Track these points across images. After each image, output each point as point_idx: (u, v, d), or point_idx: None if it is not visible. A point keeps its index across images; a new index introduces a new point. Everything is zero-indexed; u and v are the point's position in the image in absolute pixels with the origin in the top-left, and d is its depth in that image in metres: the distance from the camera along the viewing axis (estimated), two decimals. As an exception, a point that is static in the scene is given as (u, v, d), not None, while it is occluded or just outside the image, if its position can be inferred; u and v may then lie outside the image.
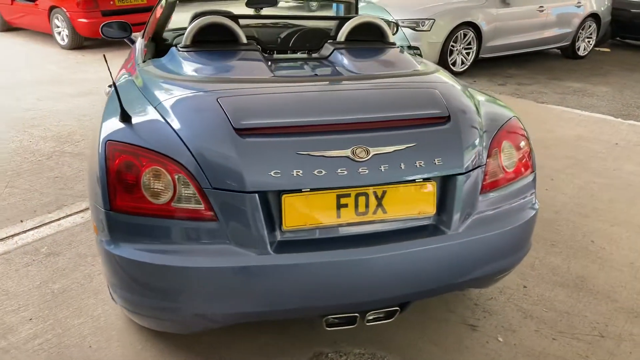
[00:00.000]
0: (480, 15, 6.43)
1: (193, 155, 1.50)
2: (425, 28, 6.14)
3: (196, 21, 2.18)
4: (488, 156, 1.75)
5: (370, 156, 1.55)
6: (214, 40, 2.20)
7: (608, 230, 2.90)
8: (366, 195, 1.57)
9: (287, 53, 2.55)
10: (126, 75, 2.26)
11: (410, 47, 2.86)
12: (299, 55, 2.44)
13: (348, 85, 1.88)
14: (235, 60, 2.08)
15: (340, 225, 1.58)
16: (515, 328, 2.13)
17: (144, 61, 2.28)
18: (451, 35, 6.24)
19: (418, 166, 1.60)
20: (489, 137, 1.78)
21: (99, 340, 1.98)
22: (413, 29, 6.17)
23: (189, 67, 1.99)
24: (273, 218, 1.53)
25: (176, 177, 1.50)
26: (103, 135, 1.61)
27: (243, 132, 1.54)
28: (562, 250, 2.71)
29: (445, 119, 1.72)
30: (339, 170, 1.52)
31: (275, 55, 2.38)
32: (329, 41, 2.40)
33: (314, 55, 2.43)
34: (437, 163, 1.62)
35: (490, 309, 2.24)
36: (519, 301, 2.30)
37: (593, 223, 2.98)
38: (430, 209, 1.65)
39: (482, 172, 1.73)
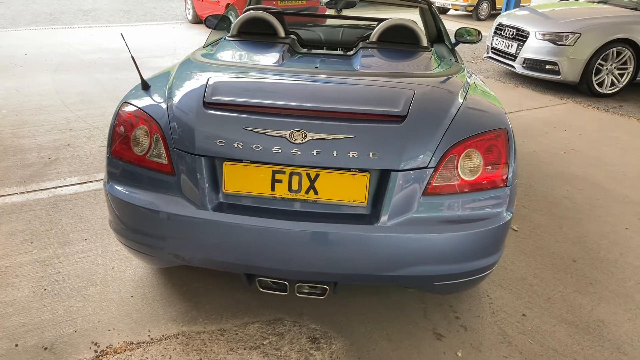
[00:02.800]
0: (642, 33, 5.64)
1: (169, 120, 1.84)
2: (568, 43, 5.63)
3: (242, 15, 2.52)
4: (441, 161, 1.75)
5: (306, 140, 1.70)
6: (255, 32, 2.51)
7: (674, 284, 2.48)
8: (300, 175, 1.73)
9: (323, 49, 2.74)
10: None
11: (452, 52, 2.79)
12: (325, 51, 2.62)
13: (330, 79, 2.01)
14: (260, 51, 2.37)
15: (275, 199, 1.76)
16: (483, 349, 2.04)
17: (204, 46, 2.71)
18: (599, 52, 5.61)
19: (351, 156, 1.69)
20: (449, 143, 1.77)
21: (120, 266, 2.46)
22: (554, 42, 5.70)
23: (221, 53, 2.34)
24: (217, 181, 1.78)
25: (154, 135, 1.85)
26: (125, 97, 2.05)
27: (209, 105, 1.82)
28: (597, 291, 2.41)
29: (401, 119, 1.77)
30: (274, 148, 1.70)
31: (303, 50, 2.59)
32: (364, 41, 2.53)
33: (344, 53, 2.58)
34: (371, 156, 1.69)
35: (470, 325, 2.16)
36: (506, 326, 2.16)
37: (660, 272, 2.57)
38: (362, 198, 1.73)
39: (427, 175, 1.73)
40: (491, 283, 2.44)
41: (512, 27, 6.27)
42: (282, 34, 2.50)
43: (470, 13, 13.83)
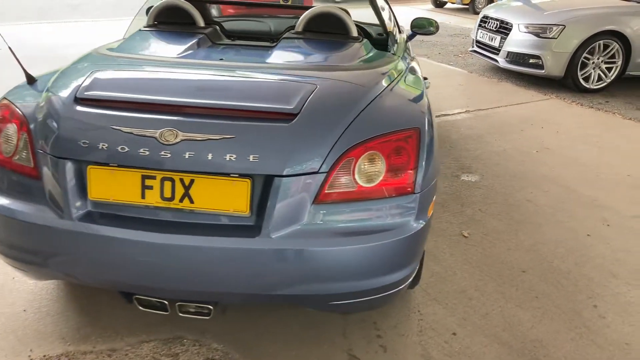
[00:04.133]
0: (630, 24, 5.36)
1: (38, 118, 1.64)
2: (551, 35, 5.36)
3: (158, 4, 2.32)
4: (336, 164, 1.53)
5: (177, 141, 1.49)
6: (172, 22, 2.31)
7: None
8: (172, 181, 1.52)
9: (248, 41, 2.53)
10: None
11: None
12: (245, 43, 2.40)
13: (225, 73, 1.80)
14: (170, 42, 2.16)
15: (147, 207, 1.56)
16: (399, 373, 1.83)
17: (124, 37, 2.51)
18: (585, 45, 5.33)
19: (229, 160, 1.48)
20: (347, 144, 1.55)
21: (23, 277, 2.27)
22: (537, 35, 5.43)
23: (127, 45, 2.14)
24: (84, 188, 1.58)
25: (22, 134, 1.65)
26: (6, 93, 1.85)
27: (80, 101, 1.62)
28: (541, 306, 2.19)
29: (292, 117, 1.56)
30: (141, 150, 1.50)
31: (224, 41, 2.37)
32: (290, 31, 2.32)
33: (268, 44, 2.36)
34: (252, 160, 1.48)
35: (391, 345, 1.95)
36: (432, 347, 1.95)
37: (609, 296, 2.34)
38: (243, 207, 1.52)
39: (319, 181, 1.52)
40: (425, 296, 2.23)
41: (496, 20, 6.00)
42: (201, 23, 2.30)
43: (467, 6, 13.50)
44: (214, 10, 3.23)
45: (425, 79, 3.05)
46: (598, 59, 5.47)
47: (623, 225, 2.87)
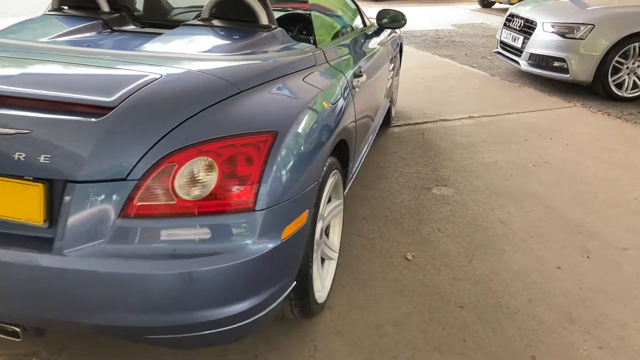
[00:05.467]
0: (673, 25, 4.70)
1: None
2: (578, 36, 4.80)
3: None
4: (151, 171, 1.27)
5: None
6: (76, 6, 2.12)
7: None
8: None
9: (162, 28, 2.28)
10: None
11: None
12: (142, 30, 2.15)
13: (62, 59, 1.57)
14: (56, 27, 1.97)
15: None
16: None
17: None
18: (617, 48, 4.73)
19: (17, 159, 1.26)
20: (170, 147, 1.29)
21: None
22: (563, 35, 4.89)
23: (16, 29, 1.97)
24: None
25: None
26: None
27: None
28: (465, 352, 1.82)
29: (105, 111, 1.31)
30: None
31: (127, 27, 2.15)
32: (197, 19, 2.07)
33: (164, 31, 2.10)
34: (42, 160, 1.25)
35: (263, 386, 1.66)
36: (310, 392, 1.64)
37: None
38: (37, 216, 1.28)
39: (127, 190, 1.26)
40: (330, 328, 1.92)
41: (521, 18, 5.48)
42: (104, 8, 2.10)
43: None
44: None
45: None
46: (633, 63, 4.85)
47: (605, 258, 2.41)
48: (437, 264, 2.34)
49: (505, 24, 5.84)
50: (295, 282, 1.59)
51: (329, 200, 2.06)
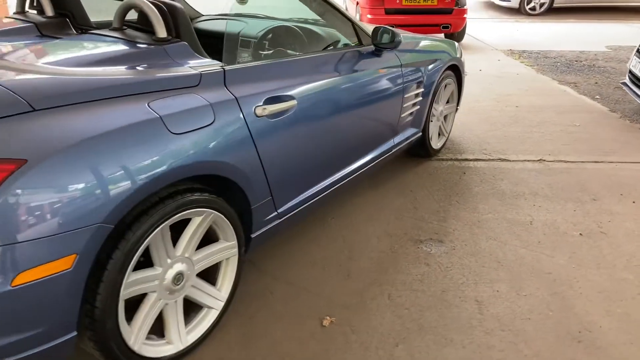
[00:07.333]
0: None
1: None
2: None
3: None
4: None
5: None
6: (36, 9, 2.19)
7: None
8: None
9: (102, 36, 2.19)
10: None
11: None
12: (69, 37, 2.08)
13: None
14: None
15: None
16: None
17: None
18: None
19: None
20: None
21: None
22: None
23: None
24: None
25: None
26: None
27: None
28: None
29: None
30: None
31: (57, 33, 2.10)
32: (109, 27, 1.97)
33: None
34: None
35: None
36: None
37: None
38: None
39: None
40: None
41: (656, 45, 4.38)
42: (49, 12, 2.12)
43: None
44: None
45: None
46: None
47: (584, 388, 1.74)
48: (353, 338, 1.93)
49: (638, 51, 4.74)
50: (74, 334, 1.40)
51: (215, 242, 1.83)
